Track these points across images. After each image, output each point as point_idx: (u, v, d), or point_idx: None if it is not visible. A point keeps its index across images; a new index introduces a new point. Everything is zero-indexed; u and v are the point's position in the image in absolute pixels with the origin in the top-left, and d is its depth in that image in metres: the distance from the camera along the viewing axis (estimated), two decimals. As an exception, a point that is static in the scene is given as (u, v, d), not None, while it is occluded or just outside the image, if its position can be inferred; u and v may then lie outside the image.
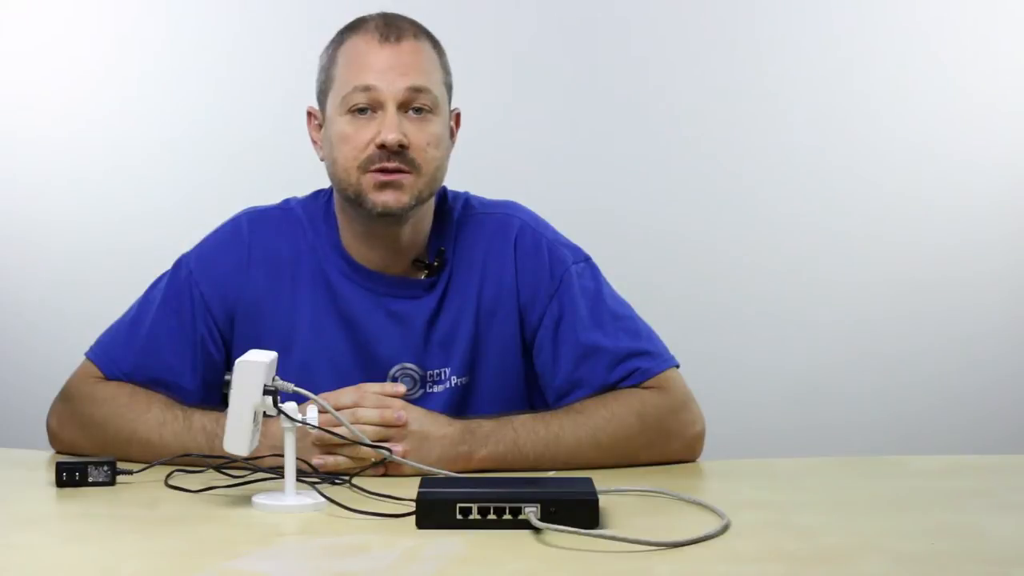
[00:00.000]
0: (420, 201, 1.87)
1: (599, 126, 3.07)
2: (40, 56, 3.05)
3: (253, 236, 1.95)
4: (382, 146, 1.83)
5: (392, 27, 1.88)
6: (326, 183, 1.97)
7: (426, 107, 1.86)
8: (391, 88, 1.84)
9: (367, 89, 1.84)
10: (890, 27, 3.08)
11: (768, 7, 3.10)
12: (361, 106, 1.85)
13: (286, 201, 2.00)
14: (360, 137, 1.84)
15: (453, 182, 1.98)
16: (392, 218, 1.87)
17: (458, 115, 1.96)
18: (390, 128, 1.83)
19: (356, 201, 1.86)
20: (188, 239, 1.99)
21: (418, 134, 1.85)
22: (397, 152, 1.83)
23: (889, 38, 3.08)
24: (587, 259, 1.99)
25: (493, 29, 3.05)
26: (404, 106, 1.85)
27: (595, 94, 3.08)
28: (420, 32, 1.90)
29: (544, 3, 3.09)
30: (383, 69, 1.85)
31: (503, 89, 3.03)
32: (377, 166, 1.83)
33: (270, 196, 2.03)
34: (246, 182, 2.94)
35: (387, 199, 1.84)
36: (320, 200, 1.98)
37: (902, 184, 3.09)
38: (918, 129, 3.08)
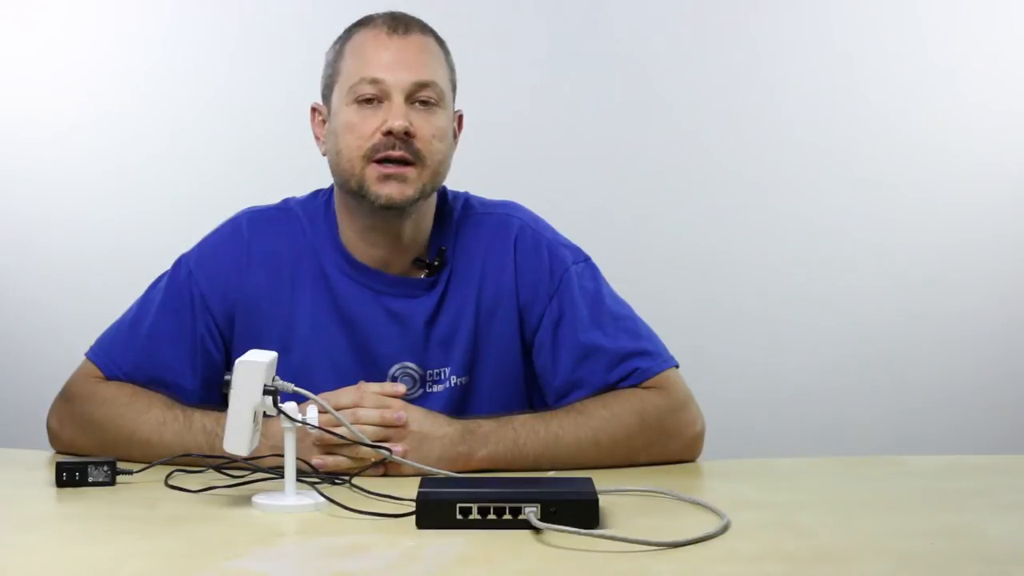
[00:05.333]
0: (424, 195, 1.87)
1: (599, 127, 3.08)
2: (40, 56, 3.05)
3: (252, 236, 1.95)
4: (388, 133, 1.83)
5: (400, 21, 1.89)
6: (326, 183, 1.97)
7: (432, 100, 1.86)
8: (399, 80, 1.85)
9: (375, 82, 1.85)
10: (889, 27, 3.08)
11: (769, 10, 3.10)
12: (368, 96, 1.85)
13: (285, 201, 2.00)
14: (366, 126, 1.85)
15: (454, 182, 1.99)
16: (395, 211, 1.87)
17: (460, 117, 1.96)
18: (397, 115, 1.83)
19: (359, 193, 1.86)
20: (188, 239, 1.99)
21: (424, 125, 1.85)
22: (403, 140, 1.83)
23: (888, 38, 3.08)
24: (587, 259, 1.99)
25: (494, 30, 3.06)
26: (410, 97, 1.85)
27: (594, 95, 3.08)
28: (427, 29, 1.92)
29: (544, 4, 3.09)
30: (391, 63, 1.86)
31: (503, 89, 3.03)
32: (382, 154, 1.84)
33: (270, 196, 2.03)
34: (246, 182, 2.94)
35: (391, 191, 1.84)
36: (319, 199, 1.98)
37: (902, 184, 3.09)
38: (918, 129, 3.08)
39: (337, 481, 1.69)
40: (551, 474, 1.75)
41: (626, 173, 3.08)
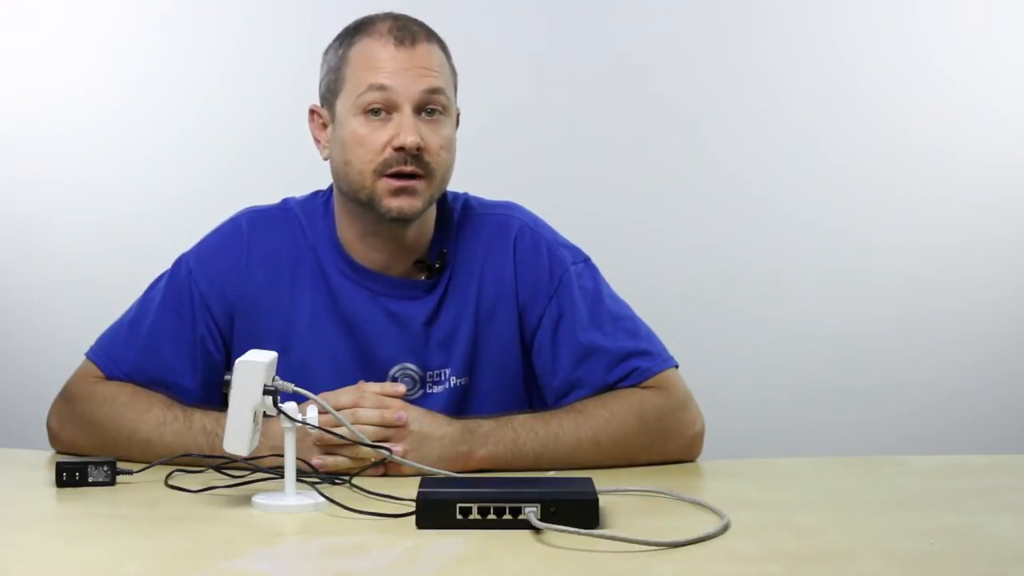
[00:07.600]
0: (429, 204, 1.88)
1: (599, 127, 3.08)
2: (40, 56, 3.05)
3: (252, 236, 1.95)
4: (399, 148, 1.82)
5: (405, 30, 1.87)
6: (325, 183, 1.97)
7: (439, 109, 1.86)
8: (408, 90, 1.83)
9: (382, 89, 1.83)
10: (889, 27, 3.08)
11: (769, 10, 3.10)
12: (376, 107, 1.84)
13: (285, 201, 2.00)
14: (376, 140, 1.84)
15: (453, 181, 1.98)
16: (401, 221, 1.87)
17: (458, 115, 1.96)
18: (408, 131, 1.82)
19: (368, 204, 1.86)
20: (188, 239, 1.99)
21: (432, 137, 1.85)
22: (414, 155, 1.83)
23: (888, 38, 3.08)
24: (586, 260, 1.99)
25: (493, 29, 3.05)
26: (419, 108, 1.85)
27: (594, 94, 3.08)
28: (431, 34, 1.90)
29: (545, 3, 3.09)
30: (398, 70, 1.84)
31: (503, 88, 3.03)
32: (394, 170, 1.83)
33: (269, 196, 2.03)
34: (246, 182, 2.94)
35: (401, 204, 1.84)
36: (319, 200, 1.98)
37: (902, 184, 3.09)
38: (919, 129, 3.08)
39: (337, 481, 1.69)
40: (551, 474, 1.75)
41: (626, 173, 3.08)
